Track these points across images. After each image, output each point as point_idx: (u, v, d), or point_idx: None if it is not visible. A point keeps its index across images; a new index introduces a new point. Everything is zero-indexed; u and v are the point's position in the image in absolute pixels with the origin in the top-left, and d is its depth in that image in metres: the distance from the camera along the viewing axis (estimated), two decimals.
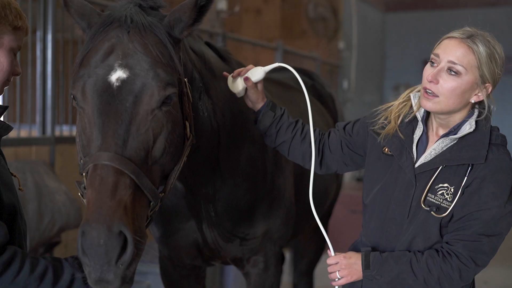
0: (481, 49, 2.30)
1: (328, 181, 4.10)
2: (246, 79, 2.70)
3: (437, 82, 2.33)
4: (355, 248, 2.66)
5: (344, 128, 2.77)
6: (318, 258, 4.94)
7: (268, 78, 4.21)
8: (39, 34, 4.62)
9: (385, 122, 2.55)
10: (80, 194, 2.24)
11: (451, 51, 2.32)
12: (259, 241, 3.14)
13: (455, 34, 2.35)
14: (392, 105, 2.60)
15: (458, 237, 2.33)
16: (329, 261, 2.49)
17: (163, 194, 2.28)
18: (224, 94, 2.86)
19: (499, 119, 11.56)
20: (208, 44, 3.01)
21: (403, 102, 2.55)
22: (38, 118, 4.68)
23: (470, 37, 2.32)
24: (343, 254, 2.47)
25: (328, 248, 2.55)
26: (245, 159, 3.03)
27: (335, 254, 2.50)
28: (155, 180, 2.22)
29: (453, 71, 2.31)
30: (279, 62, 2.94)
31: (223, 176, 2.94)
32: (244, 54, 10.28)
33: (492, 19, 12.16)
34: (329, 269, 2.49)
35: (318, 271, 5.14)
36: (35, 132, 4.75)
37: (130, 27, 2.25)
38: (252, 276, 3.23)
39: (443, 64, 2.33)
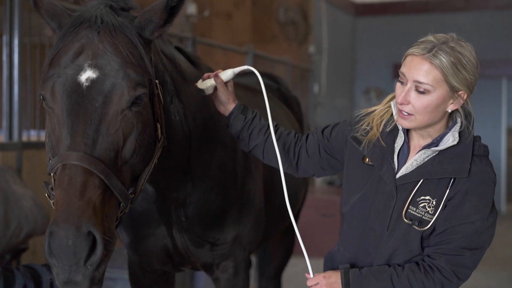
0: (444, 61, 2.23)
1: (297, 186, 4.10)
2: (216, 76, 2.70)
3: (408, 103, 2.29)
4: (331, 257, 2.64)
5: (322, 132, 2.73)
6: (286, 262, 4.93)
7: (236, 83, 4.21)
8: (5, 38, 4.56)
9: (367, 128, 2.51)
10: (47, 195, 2.22)
11: (415, 70, 2.27)
12: (229, 246, 3.12)
13: (416, 50, 2.28)
14: (374, 110, 2.55)
15: (440, 251, 2.30)
16: (309, 283, 2.45)
17: (133, 195, 2.27)
18: (194, 99, 2.86)
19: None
20: (178, 48, 3.00)
21: (385, 108, 2.50)
22: (4, 123, 4.61)
23: (432, 50, 2.25)
24: (322, 274, 2.43)
25: (307, 271, 2.50)
26: (216, 164, 3.02)
27: (314, 275, 2.46)
28: (125, 181, 2.21)
29: (421, 89, 2.27)
30: (249, 66, 2.94)
31: (194, 180, 2.93)
32: (216, 59, 10.28)
33: (461, 24, 12.40)
34: None
35: (285, 275, 5.13)
36: (2, 138, 4.69)
37: (100, 28, 2.24)
38: (221, 282, 3.21)
39: (410, 84, 2.29)
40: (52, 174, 2.15)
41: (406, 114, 2.31)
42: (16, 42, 4.57)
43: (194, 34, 7.56)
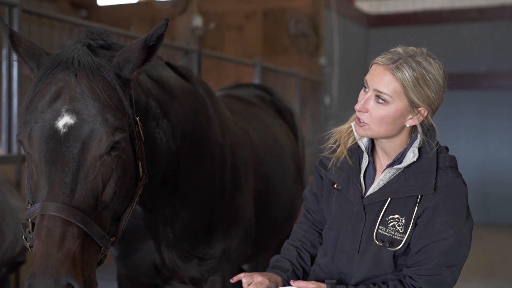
0: (407, 74, 2.19)
1: (294, 195, 4.07)
2: None
3: (366, 111, 2.25)
4: (312, 273, 2.58)
5: (309, 211, 2.67)
6: None
7: (230, 95, 4.23)
8: (4, 51, 4.59)
9: (334, 146, 2.48)
10: (24, 237, 2.19)
11: (377, 79, 2.23)
12: (217, 260, 3.10)
13: (381, 59, 2.25)
14: (341, 128, 2.51)
15: (419, 272, 2.26)
16: (297, 284, 2.38)
17: (114, 238, 2.24)
18: (184, 113, 2.84)
19: (481, 132, 11.41)
20: (168, 64, 2.98)
21: (350, 127, 2.47)
22: (4, 136, 4.64)
23: (396, 62, 2.21)
24: (311, 283, 2.35)
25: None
26: (204, 178, 3.00)
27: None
28: (105, 225, 2.18)
29: (381, 99, 2.23)
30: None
31: (182, 198, 2.91)
32: (227, 71, 10.31)
33: (474, 34, 12.29)
34: None
35: None
36: (1, 150, 4.71)
37: (77, 70, 2.18)
38: None
39: (370, 93, 2.25)
40: (29, 220, 2.12)
41: (363, 122, 2.28)
42: (15, 55, 4.58)
43: (201, 46, 7.58)
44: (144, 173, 2.37)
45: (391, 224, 2.29)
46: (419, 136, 2.31)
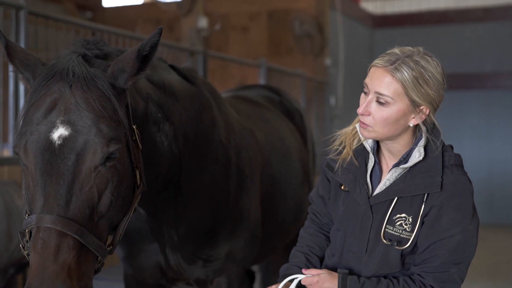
0: (406, 74, 2.21)
1: (301, 197, 4.07)
2: None
3: (369, 114, 2.27)
4: None
5: (316, 214, 2.66)
6: None
7: (237, 96, 4.23)
8: None
9: (340, 148, 2.50)
10: (22, 246, 2.19)
11: (377, 81, 2.25)
12: (222, 262, 3.11)
13: (379, 62, 2.27)
14: (346, 130, 2.53)
15: (427, 270, 2.28)
16: (308, 271, 2.39)
17: (111, 247, 2.25)
18: (187, 115, 2.85)
19: (485, 132, 11.39)
20: (172, 66, 2.99)
21: (354, 129, 2.48)
22: (10, 138, 4.65)
23: (394, 63, 2.23)
24: (322, 271, 2.37)
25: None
26: (208, 180, 3.01)
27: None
28: (102, 234, 2.18)
29: (382, 101, 2.25)
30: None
31: (185, 200, 2.92)
32: (232, 72, 10.31)
33: (479, 34, 12.26)
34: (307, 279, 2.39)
35: None
36: (8, 152, 4.72)
37: (72, 81, 2.18)
38: None
39: (371, 95, 2.27)
40: (27, 230, 2.12)
41: (367, 124, 2.30)
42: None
43: (207, 48, 7.59)
44: (142, 181, 2.37)
45: (398, 223, 2.32)
46: (423, 135, 2.34)
